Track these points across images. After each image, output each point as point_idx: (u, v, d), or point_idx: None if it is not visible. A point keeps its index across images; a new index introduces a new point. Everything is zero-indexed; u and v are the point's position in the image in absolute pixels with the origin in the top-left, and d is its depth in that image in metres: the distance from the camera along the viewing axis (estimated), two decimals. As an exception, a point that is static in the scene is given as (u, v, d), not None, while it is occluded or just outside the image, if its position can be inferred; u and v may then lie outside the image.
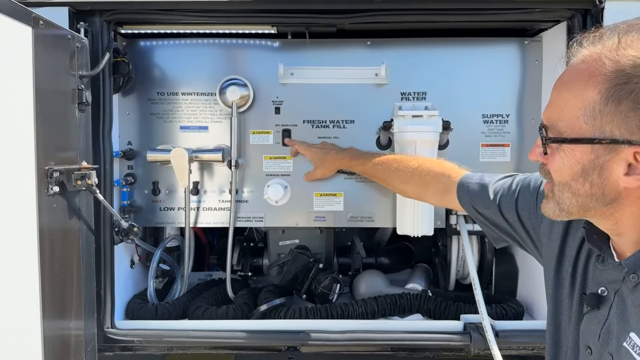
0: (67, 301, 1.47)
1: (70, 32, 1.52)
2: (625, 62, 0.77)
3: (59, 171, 1.38)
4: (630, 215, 0.85)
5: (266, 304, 1.81)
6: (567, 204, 0.88)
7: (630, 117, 0.76)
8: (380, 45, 1.88)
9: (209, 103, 1.89)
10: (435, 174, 1.47)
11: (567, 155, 0.85)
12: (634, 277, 0.85)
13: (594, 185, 0.83)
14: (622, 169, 0.80)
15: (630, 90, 0.76)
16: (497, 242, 1.36)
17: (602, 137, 0.79)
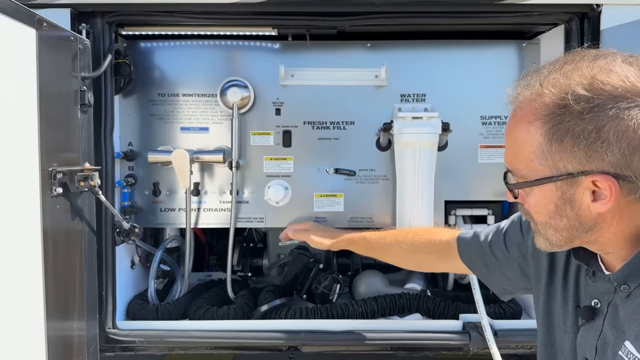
0: (70, 302, 1.48)
1: (72, 34, 1.52)
2: (552, 103, 0.82)
3: (62, 172, 1.39)
4: (612, 236, 0.88)
5: (267, 304, 1.82)
6: (553, 239, 0.92)
7: (575, 151, 0.81)
8: (380, 47, 1.90)
9: (210, 104, 1.89)
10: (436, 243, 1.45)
11: (538, 196, 0.89)
12: (625, 288, 0.88)
13: (570, 218, 0.87)
14: (588, 198, 0.84)
15: (566, 128, 0.81)
16: (502, 294, 1.36)
17: (558, 174, 0.84)
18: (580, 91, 0.79)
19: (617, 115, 0.78)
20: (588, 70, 0.81)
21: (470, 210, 1.93)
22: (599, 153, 0.79)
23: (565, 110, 0.81)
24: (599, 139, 0.79)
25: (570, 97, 0.80)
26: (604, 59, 0.82)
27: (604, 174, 0.80)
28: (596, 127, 0.78)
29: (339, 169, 1.92)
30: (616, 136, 0.78)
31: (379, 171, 1.92)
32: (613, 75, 0.80)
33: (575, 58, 0.84)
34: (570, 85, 0.81)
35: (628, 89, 0.78)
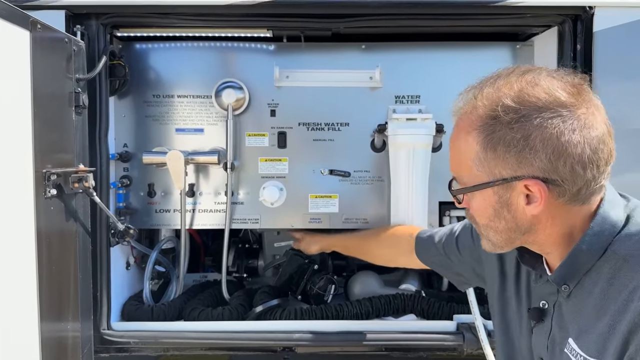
0: (64, 303, 1.48)
1: (67, 36, 1.52)
2: (485, 115, 0.89)
3: (56, 174, 1.39)
4: (548, 237, 0.95)
5: (262, 305, 1.83)
6: (495, 240, 0.99)
7: (507, 158, 0.88)
8: (375, 49, 1.90)
9: (205, 105, 1.90)
10: (402, 235, 1.60)
11: (478, 201, 0.96)
12: (566, 288, 0.96)
13: (508, 221, 0.94)
14: (522, 201, 0.91)
15: (499, 137, 0.88)
16: (459, 285, 1.45)
17: (494, 179, 0.91)
18: (509, 103, 0.87)
19: (541, 125, 0.85)
20: (516, 84, 0.88)
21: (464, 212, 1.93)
22: (528, 159, 0.87)
23: (496, 121, 0.88)
24: (527, 147, 0.86)
25: (500, 108, 0.87)
26: (531, 73, 0.90)
27: (534, 178, 0.88)
28: (524, 135, 0.86)
29: (333, 170, 1.92)
30: (542, 143, 0.85)
31: (373, 172, 1.93)
32: (538, 88, 0.87)
33: (506, 73, 0.92)
34: (500, 97, 0.88)
35: (551, 101, 0.86)
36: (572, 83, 0.89)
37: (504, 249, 1.00)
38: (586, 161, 0.86)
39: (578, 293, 0.94)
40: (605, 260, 0.91)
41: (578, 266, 0.93)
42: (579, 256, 0.92)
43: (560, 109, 0.85)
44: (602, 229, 0.91)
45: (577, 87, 0.89)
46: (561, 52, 1.73)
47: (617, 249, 0.90)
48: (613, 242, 0.91)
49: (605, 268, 0.91)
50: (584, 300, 0.93)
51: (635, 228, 0.91)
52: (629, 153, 1.69)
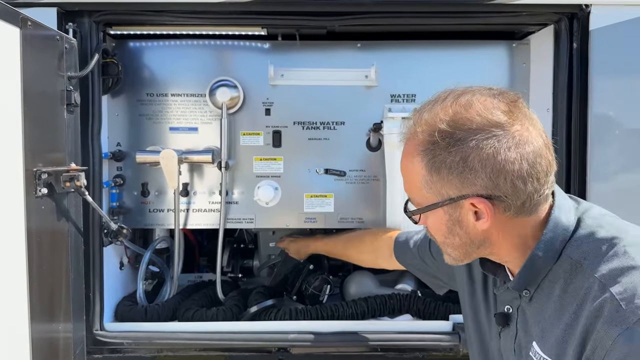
0: (55, 303, 1.46)
1: (58, 33, 1.51)
2: (425, 141, 0.93)
3: (47, 173, 1.37)
4: (502, 248, 0.99)
5: (256, 305, 1.81)
6: (453, 255, 1.03)
7: (451, 179, 0.92)
8: (370, 47, 1.89)
9: (199, 104, 1.88)
10: (382, 238, 1.64)
11: (432, 220, 1.00)
12: (527, 293, 1.00)
13: (461, 237, 0.98)
14: (472, 218, 0.94)
15: (440, 161, 0.92)
16: (436, 288, 1.49)
17: (443, 200, 0.95)
18: (445, 128, 0.91)
19: (477, 146, 0.89)
20: (451, 108, 0.92)
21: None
22: (469, 179, 0.91)
23: (435, 145, 0.92)
24: (467, 168, 0.90)
25: (437, 134, 0.91)
26: (465, 95, 0.93)
27: (478, 196, 0.91)
28: (462, 157, 0.90)
29: (329, 169, 1.91)
30: (480, 164, 0.89)
31: (369, 172, 1.91)
32: (471, 110, 0.90)
33: (443, 97, 0.95)
34: (436, 123, 0.92)
35: (484, 122, 0.89)
36: (505, 101, 0.92)
37: (464, 261, 1.04)
38: (525, 176, 0.89)
39: (538, 297, 0.98)
40: (561, 265, 0.95)
41: (536, 271, 0.97)
42: (536, 262, 0.96)
43: (494, 129, 0.89)
44: (555, 234, 0.95)
45: (511, 104, 0.92)
46: (557, 51, 1.72)
47: (570, 253, 0.94)
48: (567, 247, 0.95)
49: (561, 272, 0.94)
50: (544, 303, 0.97)
51: (586, 231, 0.95)
52: (625, 153, 1.69)
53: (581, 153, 1.69)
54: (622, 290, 0.84)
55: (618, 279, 0.86)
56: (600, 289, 0.86)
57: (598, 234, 0.94)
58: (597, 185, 1.66)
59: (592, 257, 0.91)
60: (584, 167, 1.68)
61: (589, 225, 0.96)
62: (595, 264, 0.90)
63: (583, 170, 1.68)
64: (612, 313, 0.83)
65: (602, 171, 1.68)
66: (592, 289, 0.87)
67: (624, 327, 0.81)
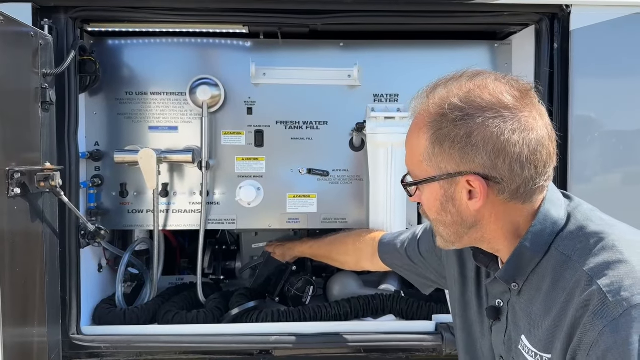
0: (29, 307, 1.42)
1: (33, 29, 1.47)
2: (434, 112, 0.95)
3: (20, 172, 1.34)
4: (493, 233, 0.99)
5: (238, 307, 1.78)
6: (444, 235, 1.04)
7: (452, 154, 0.93)
8: (353, 46, 1.88)
9: (179, 103, 1.85)
10: (365, 239, 1.64)
11: (427, 194, 1.01)
12: (515, 286, 1.00)
13: (453, 215, 0.99)
14: (465, 196, 0.95)
15: (445, 134, 0.93)
16: (423, 288, 1.49)
17: (441, 174, 0.96)
18: (456, 102, 0.92)
19: (483, 123, 0.90)
20: (466, 86, 0.94)
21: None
22: (470, 156, 0.92)
23: (443, 118, 0.93)
24: (470, 144, 0.91)
25: (447, 107, 0.93)
26: (481, 77, 0.95)
27: (475, 174, 0.93)
28: (467, 132, 0.91)
29: (312, 169, 1.89)
30: (483, 141, 0.90)
31: (352, 171, 1.90)
32: (485, 90, 0.92)
33: (458, 76, 0.97)
34: (449, 96, 0.93)
35: (495, 102, 0.91)
36: (518, 88, 0.94)
37: (455, 244, 1.05)
38: (524, 161, 0.91)
39: (527, 290, 0.99)
40: (550, 259, 0.95)
41: (523, 263, 0.97)
42: (523, 253, 0.97)
43: (503, 110, 0.90)
44: (543, 226, 0.96)
45: (523, 92, 0.94)
46: (538, 51, 1.73)
47: (559, 247, 0.95)
48: (556, 241, 0.96)
49: (550, 266, 0.95)
50: (533, 297, 0.97)
51: (575, 226, 0.96)
52: (606, 154, 1.71)
53: (562, 154, 1.69)
54: (609, 283, 0.85)
55: (605, 272, 0.86)
56: (587, 282, 0.87)
57: (587, 229, 0.94)
58: (578, 187, 1.67)
59: (580, 251, 0.92)
60: (565, 168, 1.68)
61: (578, 219, 0.97)
62: (583, 257, 0.91)
63: (564, 171, 1.68)
64: (599, 305, 0.84)
65: (582, 172, 1.69)
66: (580, 282, 0.88)
67: (610, 319, 0.82)
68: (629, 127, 1.73)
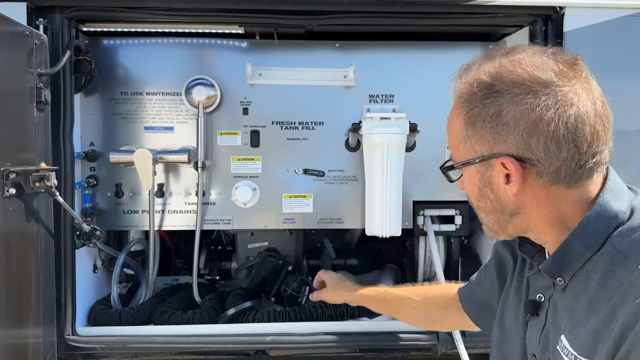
0: (24, 308, 1.41)
1: (28, 29, 1.46)
2: (465, 92, 0.90)
3: (15, 172, 1.33)
4: (538, 222, 0.91)
5: (234, 308, 1.78)
6: (487, 222, 0.97)
7: (484, 134, 0.87)
8: (349, 47, 1.89)
9: (175, 103, 1.85)
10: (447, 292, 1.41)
11: (466, 180, 0.96)
12: (560, 281, 0.91)
13: (492, 201, 0.92)
14: (502, 180, 0.88)
15: (476, 114, 0.87)
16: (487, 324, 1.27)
17: (475, 156, 0.90)
18: (485, 79, 0.86)
19: (513, 100, 0.83)
20: (499, 62, 0.87)
21: (439, 211, 1.94)
22: (501, 136, 0.85)
23: (473, 97, 0.88)
24: (500, 123, 0.85)
25: (476, 85, 0.87)
26: (517, 52, 0.88)
27: (509, 156, 0.85)
28: (496, 111, 0.85)
29: (308, 169, 1.90)
30: (514, 120, 0.83)
31: (348, 172, 1.91)
32: (517, 65, 0.85)
33: (492, 54, 0.90)
34: (480, 75, 0.88)
35: (526, 78, 0.83)
36: (559, 61, 0.85)
37: (500, 233, 0.97)
38: (561, 139, 0.82)
39: (573, 287, 0.89)
40: (603, 255, 0.85)
41: (571, 257, 0.88)
42: (573, 246, 0.87)
43: (536, 85, 0.83)
44: (600, 219, 0.85)
45: (565, 64, 0.85)
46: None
47: (616, 243, 0.84)
48: (612, 236, 0.85)
49: (602, 263, 0.85)
50: (579, 295, 0.87)
51: (638, 222, 0.85)
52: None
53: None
54: None
55: None
56: None
57: None
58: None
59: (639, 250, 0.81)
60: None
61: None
62: None
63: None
64: None
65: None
66: (635, 285, 0.78)
67: None
68: (622, 128, 1.74)
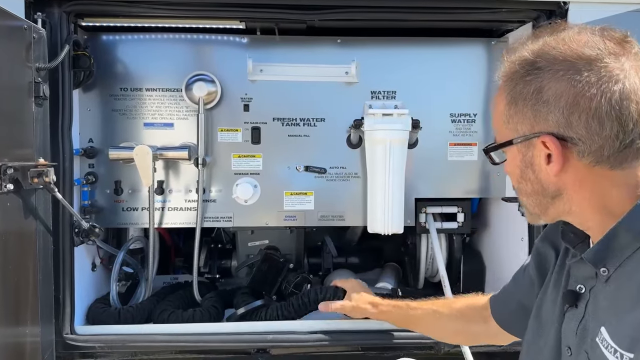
0: (21, 306, 1.39)
1: (26, 22, 1.44)
2: (509, 71, 0.89)
3: (13, 168, 1.31)
4: (580, 204, 0.89)
5: (244, 307, 1.75)
6: (527, 206, 0.96)
7: (525, 112, 0.87)
8: (351, 43, 1.87)
9: (175, 99, 1.83)
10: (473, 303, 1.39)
11: (509, 161, 0.95)
12: (604, 271, 0.87)
13: (533, 182, 0.91)
14: (543, 160, 0.87)
15: (518, 92, 0.87)
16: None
17: (517, 136, 0.89)
18: (527, 56, 0.86)
19: (554, 76, 0.83)
20: (543, 40, 0.86)
21: (441, 208, 1.92)
22: (542, 113, 0.84)
23: (515, 74, 0.87)
24: (541, 100, 0.84)
25: (518, 62, 0.87)
26: (563, 29, 0.87)
27: (549, 134, 0.84)
28: (537, 88, 0.84)
29: (309, 166, 1.88)
30: (555, 96, 0.82)
31: (349, 168, 1.89)
32: (561, 42, 0.84)
33: (541, 32, 0.89)
34: (523, 52, 0.87)
35: (570, 54, 0.82)
36: (606, 38, 0.83)
37: (541, 217, 0.96)
38: (603, 116, 0.79)
39: (617, 278, 0.85)
40: None
41: (619, 247, 0.84)
42: (620, 235, 0.84)
43: (579, 61, 0.81)
44: None
45: (613, 41, 0.83)
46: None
47: None
48: None
49: None
50: (622, 286, 0.84)
51: None
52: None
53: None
54: None
55: None
56: None
57: None
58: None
59: None
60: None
61: None
62: None
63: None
64: None
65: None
66: None
67: None
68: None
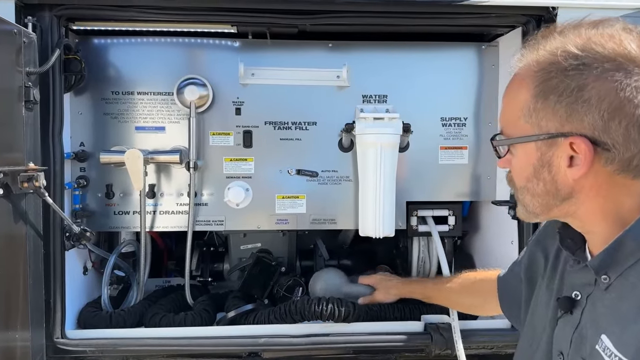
0: (11, 311, 1.39)
1: (16, 27, 1.44)
2: (544, 61, 0.83)
3: (2, 172, 1.31)
4: (590, 210, 0.86)
5: (234, 310, 1.75)
6: (530, 205, 0.92)
7: (557, 109, 0.81)
8: (342, 47, 1.88)
9: (166, 103, 1.83)
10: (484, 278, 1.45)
11: (520, 157, 0.89)
12: (605, 279, 0.85)
13: (547, 183, 0.86)
14: (564, 162, 0.83)
15: (553, 85, 0.81)
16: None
17: (540, 133, 0.84)
18: (572, 49, 0.80)
19: (600, 76, 0.77)
20: (586, 33, 0.81)
21: (432, 211, 1.93)
22: (579, 113, 0.79)
23: (553, 66, 0.81)
24: (580, 98, 0.78)
25: (560, 53, 0.81)
26: (606, 24, 0.82)
27: (582, 136, 0.79)
28: (579, 85, 0.79)
29: (301, 170, 1.88)
30: (597, 97, 0.78)
31: (341, 172, 1.90)
32: (608, 38, 0.79)
33: (575, 25, 0.85)
34: (565, 43, 0.81)
35: (619, 52, 0.77)
36: None
37: (539, 216, 0.93)
38: None
39: (618, 287, 0.83)
40: None
41: (624, 255, 0.82)
42: (627, 243, 0.82)
43: (628, 63, 0.77)
44: None
45: None
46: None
47: None
48: None
49: None
50: (624, 295, 0.82)
51: None
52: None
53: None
54: None
55: None
56: None
57: None
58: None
59: None
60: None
61: None
62: None
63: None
64: None
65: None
66: None
67: None
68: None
